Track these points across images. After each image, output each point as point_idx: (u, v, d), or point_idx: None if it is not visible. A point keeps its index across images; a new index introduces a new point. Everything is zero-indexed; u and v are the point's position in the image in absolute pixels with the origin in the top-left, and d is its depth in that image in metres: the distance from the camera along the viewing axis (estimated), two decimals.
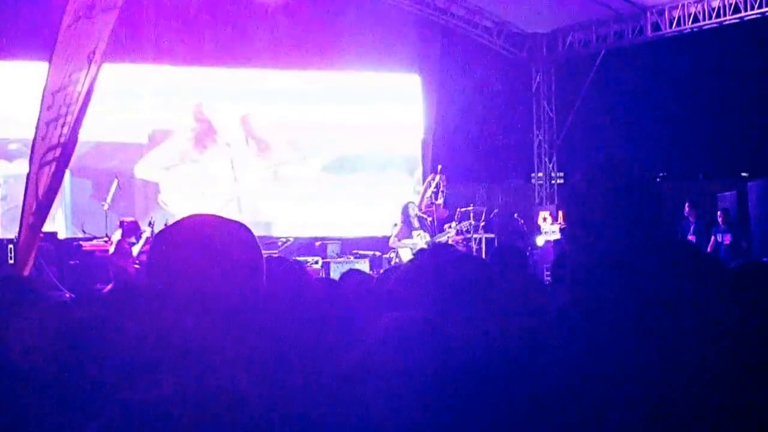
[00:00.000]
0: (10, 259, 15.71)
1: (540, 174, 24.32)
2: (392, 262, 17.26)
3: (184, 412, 2.09)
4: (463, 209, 19.72)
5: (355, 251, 19.67)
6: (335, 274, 16.14)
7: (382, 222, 19.85)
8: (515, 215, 21.73)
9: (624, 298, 2.47)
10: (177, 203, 20.31)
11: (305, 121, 21.90)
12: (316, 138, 22.05)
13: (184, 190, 20.71)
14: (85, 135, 11.51)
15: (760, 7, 18.58)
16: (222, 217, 2.51)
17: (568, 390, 2.53)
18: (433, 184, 19.61)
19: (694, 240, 17.91)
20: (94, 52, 10.25)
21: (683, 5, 19.88)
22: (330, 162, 22.10)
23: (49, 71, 10.99)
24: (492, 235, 19.71)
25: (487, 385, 2.41)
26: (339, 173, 22.13)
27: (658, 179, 28.80)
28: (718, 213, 18.44)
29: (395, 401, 2.36)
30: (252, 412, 2.18)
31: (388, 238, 18.46)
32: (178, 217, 2.56)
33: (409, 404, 2.35)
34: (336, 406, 2.42)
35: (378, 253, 19.01)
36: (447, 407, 2.36)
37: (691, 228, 18.17)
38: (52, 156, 10.62)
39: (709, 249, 17.63)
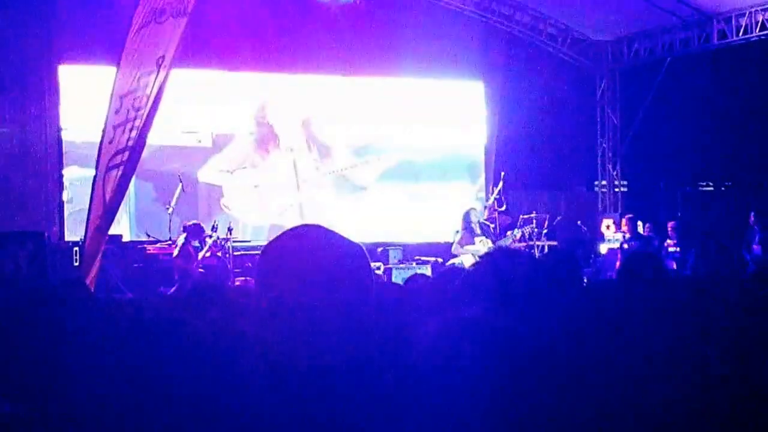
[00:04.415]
0: (76, 261, 15.92)
1: (603, 182, 24.19)
2: None
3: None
4: (525, 216, 19.62)
5: (417, 257, 19.65)
6: (397, 280, 16.15)
7: (444, 228, 19.81)
8: (578, 222, 21.65)
9: None
10: (239, 207, 20.41)
11: (367, 127, 22.00)
12: (378, 144, 22.11)
13: (246, 194, 20.81)
14: (150, 139, 11.61)
15: None
16: (334, 232, 2.56)
17: (627, 391, 2.54)
18: (496, 191, 19.60)
19: (759, 249, 17.78)
20: (163, 57, 10.35)
21: (750, 13, 19.68)
22: (392, 168, 22.14)
23: (117, 75, 11.11)
24: (555, 243, 19.59)
25: (538, 382, 2.42)
26: (401, 179, 22.16)
27: (723, 188, 28.52)
28: None
29: (447, 403, 2.38)
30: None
31: (451, 244, 18.40)
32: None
33: (462, 402, 2.37)
34: (393, 407, 2.44)
35: (440, 260, 18.94)
36: (500, 406, 2.37)
37: (757, 237, 18.03)
38: (120, 160, 10.72)
39: None
